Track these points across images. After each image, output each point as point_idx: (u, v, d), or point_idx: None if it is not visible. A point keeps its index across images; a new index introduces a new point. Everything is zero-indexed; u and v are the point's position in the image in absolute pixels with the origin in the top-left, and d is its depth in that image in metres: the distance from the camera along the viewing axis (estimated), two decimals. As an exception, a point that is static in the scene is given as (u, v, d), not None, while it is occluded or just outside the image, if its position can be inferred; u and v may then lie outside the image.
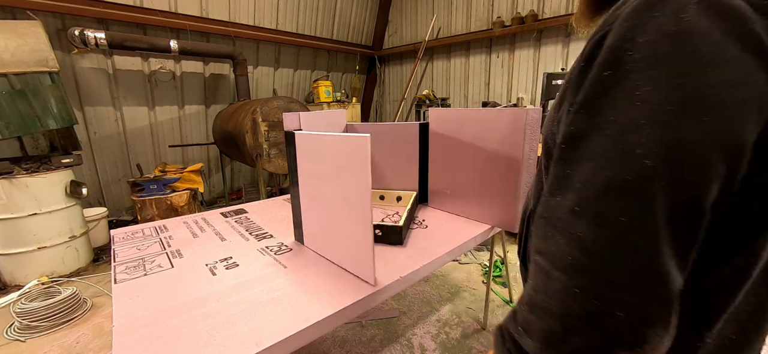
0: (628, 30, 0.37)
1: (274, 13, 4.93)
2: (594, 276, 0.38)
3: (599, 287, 0.38)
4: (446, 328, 2.21)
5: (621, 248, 0.37)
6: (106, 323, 2.28)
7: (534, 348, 0.43)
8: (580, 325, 0.39)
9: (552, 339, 0.41)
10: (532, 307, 0.45)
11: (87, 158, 3.76)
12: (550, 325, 0.41)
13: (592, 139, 0.40)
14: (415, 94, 5.89)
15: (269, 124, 3.34)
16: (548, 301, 0.42)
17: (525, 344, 0.45)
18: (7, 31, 2.77)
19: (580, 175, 0.40)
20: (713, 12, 0.34)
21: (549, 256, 0.43)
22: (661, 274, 0.36)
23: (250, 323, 0.88)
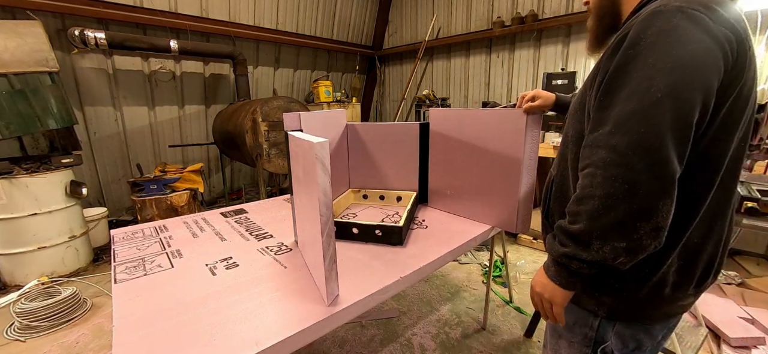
0: (641, 29, 0.63)
1: (274, 13, 4.92)
2: (625, 166, 0.61)
3: (628, 174, 0.60)
4: (446, 328, 2.21)
5: (641, 147, 0.60)
6: (106, 323, 2.28)
7: (582, 226, 0.67)
8: (615, 202, 0.62)
9: (594, 215, 0.65)
10: (579, 200, 0.68)
11: (87, 158, 3.75)
12: (594, 205, 0.64)
13: (622, 90, 0.64)
14: (415, 94, 5.89)
15: (269, 124, 3.34)
16: (593, 191, 0.65)
17: (573, 229, 0.69)
18: (7, 31, 2.77)
19: (613, 112, 0.64)
20: (688, 17, 0.61)
21: (593, 163, 0.66)
22: (667, 162, 0.59)
23: (250, 323, 0.88)
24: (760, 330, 2.04)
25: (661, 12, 0.62)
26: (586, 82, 0.80)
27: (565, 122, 0.93)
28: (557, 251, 0.72)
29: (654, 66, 0.60)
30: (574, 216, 0.69)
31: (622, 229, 0.63)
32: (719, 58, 0.60)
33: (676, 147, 0.60)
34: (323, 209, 0.87)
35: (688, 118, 0.60)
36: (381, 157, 1.86)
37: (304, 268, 1.17)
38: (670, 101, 0.59)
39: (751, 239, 3.06)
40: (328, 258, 0.91)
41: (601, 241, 0.65)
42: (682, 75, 0.59)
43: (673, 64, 0.59)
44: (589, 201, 0.65)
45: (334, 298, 0.97)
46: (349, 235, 1.38)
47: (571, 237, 0.69)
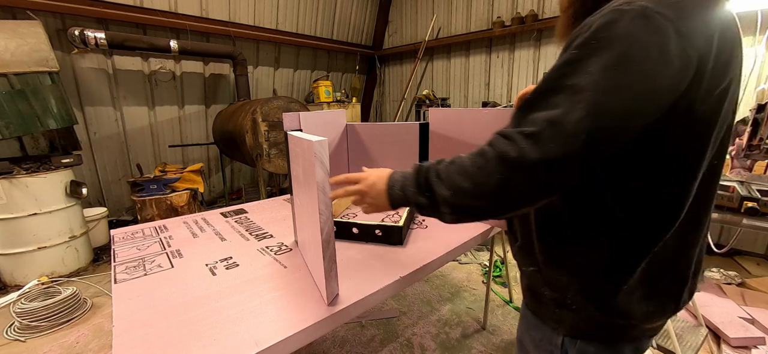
0: (598, 27, 0.55)
1: (274, 13, 4.92)
2: (519, 176, 0.58)
3: (515, 184, 0.58)
4: (446, 328, 2.21)
5: (544, 167, 0.55)
6: (106, 323, 2.28)
7: (444, 192, 0.67)
8: (486, 197, 0.62)
9: (463, 194, 0.64)
10: (459, 169, 0.66)
11: (87, 158, 3.75)
12: (468, 186, 0.63)
13: (556, 93, 0.57)
14: (415, 94, 5.89)
15: (269, 124, 3.34)
16: (477, 174, 0.62)
17: (437, 188, 0.69)
18: (7, 31, 2.77)
19: (537, 113, 0.58)
20: (649, 25, 0.51)
21: (494, 147, 0.61)
22: (556, 189, 0.59)
23: (250, 323, 0.88)
24: (760, 330, 2.04)
25: (624, 12, 0.53)
26: None
27: None
28: (410, 195, 0.76)
29: (593, 76, 0.53)
30: (445, 179, 0.69)
31: (473, 215, 0.67)
32: (676, 78, 0.52)
33: (573, 180, 0.57)
34: (322, 208, 0.87)
35: (601, 151, 0.54)
36: (381, 158, 1.86)
37: (304, 268, 1.17)
38: (587, 134, 0.52)
39: (751, 239, 3.06)
40: (327, 257, 0.90)
41: (453, 214, 0.68)
42: (618, 100, 0.52)
43: (614, 85, 0.52)
44: (467, 181, 0.64)
45: (334, 298, 0.97)
46: (349, 235, 1.38)
47: (432, 196, 0.70)
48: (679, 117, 0.56)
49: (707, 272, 2.75)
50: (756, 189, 1.84)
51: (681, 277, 0.68)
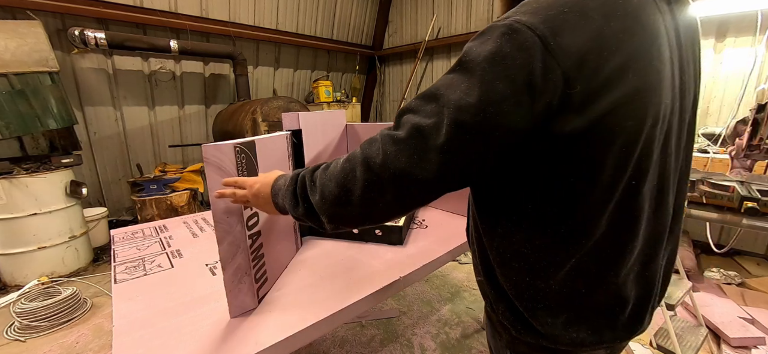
0: (474, 43, 0.54)
1: (274, 13, 4.92)
2: (381, 181, 0.57)
3: (379, 188, 0.57)
4: (446, 328, 2.21)
5: (390, 173, 0.56)
6: (106, 323, 2.28)
7: (315, 200, 0.65)
8: (354, 205, 0.61)
9: (331, 202, 0.63)
10: (329, 175, 0.64)
11: (87, 158, 3.75)
12: (336, 193, 0.62)
13: (428, 102, 0.56)
14: (415, 94, 5.88)
15: (269, 124, 3.34)
16: (344, 179, 0.61)
17: (311, 195, 0.66)
18: (7, 31, 2.77)
19: (411, 120, 0.56)
20: (513, 42, 0.49)
21: (363, 152, 0.60)
22: (413, 197, 0.59)
23: (249, 323, 0.88)
24: (760, 330, 2.04)
25: (495, 27, 0.51)
26: None
27: None
28: (288, 202, 0.71)
29: (451, 88, 0.53)
30: (317, 187, 0.66)
31: (340, 222, 0.65)
32: (526, 101, 0.49)
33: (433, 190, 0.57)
34: (221, 217, 0.83)
35: (454, 172, 0.55)
36: (381, 157, 1.86)
37: (303, 268, 1.17)
38: (444, 154, 0.53)
39: (751, 239, 3.06)
40: (230, 269, 0.86)
41: (327, 219, 0.65)
42: (471, 120, 0.50)
43: (466, 103, 0.51)
44: (336, 187, 0.62)
45: (247, 311, 0.92)
46: (349, 235, 1.38)
47: (305, 204, 0.68)
48: (549, 137, 0.52)
49: (707, 272, 2.75)
50: (756, 189, 1.84)
51: (610, 304, 0.61)
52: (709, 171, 2.48)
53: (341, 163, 0.63)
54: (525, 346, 0.67)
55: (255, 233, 0.94)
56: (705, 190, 1.96)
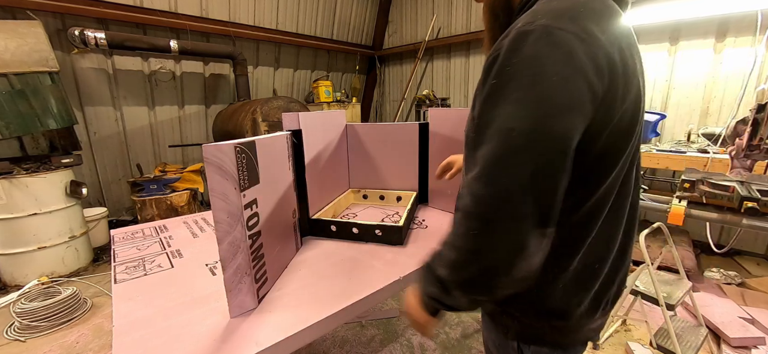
0: (508, 55, 0.56)
1: (274, 13, 4.92)
2: (482, 220, 0.56)
3: (484, 229, 0.56)
4: (446, 327, 2.21)
5: (500, 200, 0.54)
6: (106, 323, 2.28)
7: (444, 274, 0.64)
8: (472, 257, 0.59)
9: (456, 266, 0.62)
10: (445, 244, 0.65)
11: (87, 158, 3.75)
12: (455, 257, 0.61)
13: (489, 127, 0.57)
14: (415, 94, 5.89)
15: (269, 124, 3.34)
16: (455, 241, 0.61)
17: (439, 274, 0.65)
18: (7, 31, 2.77)
19: (481, 152, 0.57)
20: (553, 42, 0.53)
21: (460, 209, 0.60)
22: (524, 219, 0.53)
23: (249, 323, 0.88)
24: (760, 330, 2.04)
25: (527, 33, 0.54)
26: (475, 93, 0.69)
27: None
28: (425, 289, 0.69)
29: (517, 103, 0.54)
30: (438, 256, 0.66)
31: (481, 284, 0.60)
32: (585, 92, 0.53)
33: (538, 202, 0.53)
34: (222, 217, 0.83)
35: (549, 169, 0.54)
36: (381, 158, 1.86)
37: (303, 268, 1.17)
38: (529, 154, 0.53)
39: (751, 239, 3.06)
40: (230, 269, 0.86)
41: (462, 291, 0.62)
42: (544, 119, 0.53)
43: (535, 105, 0.53)
44: (452, 251, 0.62)
45: (247, 311, 0.92)
46: (349, 235, 1.38)
47: (437, 281, 0.66)
48: (596, 126, 0.57)
49: (707, 272, 2.75)
50: (756, 189, 1.84)
51: (606, 280, 0.72)
52: (709, 171, 2.48)
53: (448, 236, 0.65)
54: (535, 330, 0.73)
55: (255, 233, 0.94)
56: (705, 190, 1.96)
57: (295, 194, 1.31)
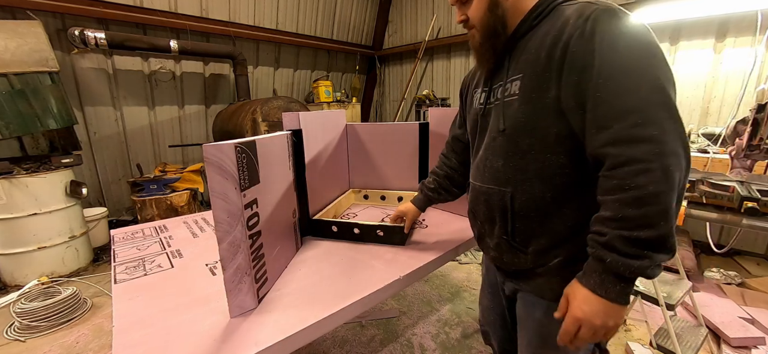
0: (606, 29, 0.69)
1: (274, 13, 4.92)
2: (674, 155, 0.63)
3: (678, 163, 0.64)
4: (446, 328, 2.21)
5: (679, 135, 0.64)
6: (106, 323, 2.28)
7: (660, 230, 0.63)
8: (674, 193, 0.64)
9: (670, 213, 0.63)
10: (641, 201, 0.63)
11: (87, 158, 3.75)
12: (664, 202, 0.63)
13: (628, 85, 0.66)
14: (415, 94, 5.89)
15: (269, 124, 3.34)
16: (657, 187, 0.63)
17: (651, 235, 0.64)
18: (7, 31, 2.77)
19: (630, 106, 0.65)
20: (625, 15, 0.71)
21: (639, 159, 0.64)
22: (688, 146, 0.66)
23: (249, 323, 0.88)
24: (760, 330, 2.04)
25: (614, 14, 0.70)
26: (527, 90, 0.80)
27: (486, 138, 0.93)
28: (632, 266, 0.65)
29: (650, 58, 0.67)
30: (637, 221, 0.64)
31: (672, 229, 0.65)
32: None
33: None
34: (223, 217, 0.83)
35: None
36: (381, 157, 1.86)
37: (303, 268, 1.17)
38: (672, 91, 0.66)
39: (751, 239, 3.06)
40: (231, 269, 0.86)
41: (670, 242, 0.65)
42: (665, 65, 0.67)
43: (657, 56, 0.67)
44: (658, 199, 0.63)
45: (247, 311, 0.92)
46: (350, 236, 1.38)
47: (650, 245, 0.64)
48: None
49: (707, 272, 2.75)
50: (756, 189, 1.84)
51: None
52: (709, 171, 2.48)
53: (634, 191, 0.65)
54: (564, 281, 0.78)
55: (255, 233, 0.94)
56: (705, 190, 1.96)
57: (295, 194, 1.31)
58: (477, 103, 0.99)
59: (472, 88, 1.07)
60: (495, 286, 1.11)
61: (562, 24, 0.74)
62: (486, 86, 0.95)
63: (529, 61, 0.80)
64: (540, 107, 0.78)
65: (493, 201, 0.90)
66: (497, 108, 0.89)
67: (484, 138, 0.94)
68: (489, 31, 0.86)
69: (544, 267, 0.86)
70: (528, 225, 0.85)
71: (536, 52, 0.78)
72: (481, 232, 1.01)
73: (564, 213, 0.81)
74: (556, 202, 0.81)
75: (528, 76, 0.80)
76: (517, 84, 0.82)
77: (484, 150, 0.93)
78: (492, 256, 0.99)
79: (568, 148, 0.78)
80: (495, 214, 0.91)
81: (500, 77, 0.89)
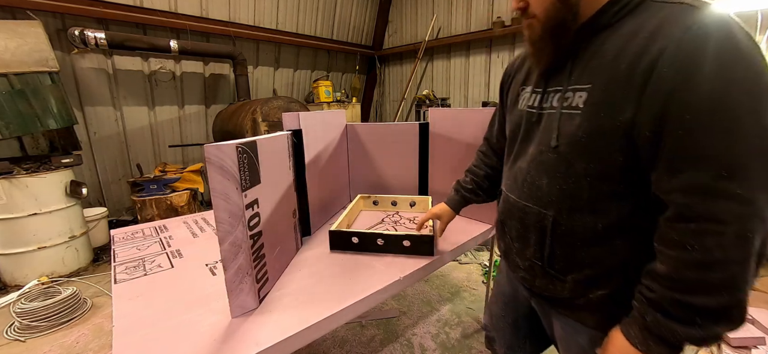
0: (707, 50, 0.54)
1: (274, 13, 4.92)
2: (760, 219, 0.53)
3: (760, 229, 0.53)
4: (446, 328, 2.21)
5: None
6: (106, 323, 2.27)
7: (724, 299, 0.55)
8: (750, 264, 0.54)
9: (738, 285, 0.54)
10: (707, 266, 0.55)
11: (87, 158, 3.75)
12: (734, 272, 0.54)
13: (721, 127, 0.54)
14: (415, 94, 5.89)
15: (269, 124, 3.34)
16: (728, 254, 0.54)
17: (710, 304, 0.55)
18: (7, 31, 2.77)
19: (720, 151, 0.54)
20: (739, 29, 0.55)
21: (715, 218, 0.54)
22: None
23: (250, 323, 0.88)
24: (760, 330, 2.04)
25: (724, 29, 0.54)
26: (596, 106, 0.66)
27: (531, 149, 0.80)
28: (678, 331, 0.58)
29: (759, 94, 0.53)
30: (694, 285, 0.57)
31: (743, 302, 0.57)
32: None
33: None
34: (224, 217, 0.83)
35: None
36: (381, 158, 1.86)
37: (303, 268, 1.17)
38: None
39: (751, 239, 3.06)
40: (232, 269, 0.86)
41: (742, 310, 0.56)
42: None
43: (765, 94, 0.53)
44: (725, 267, 0.54)
45: (248, 311, 0.92)
46: (374, 248, 1.27)
47: (705, 313, 0.56)
48: None
49: (707, 272, 2.75)
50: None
51: None
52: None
53: (699, 254, 0.56)
54: (607, 315, 0.72)
55: (256, 233, 0.94)
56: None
57: (296, 194, 1.31)
58: (524, 103, 0.85)
59: (517, 82, 0.92)
60: (511, 297, 1.04)
61: (654, 29, 0.59)
62: (539, 87, 0.81)
63: (603, 69, 0.65)
64: (608, 130, 0.64)
65: (530, 221, 0.80)
66: (550, 118, 0.75)
67: (528, 148, 0.82)
68: (554, 22, 0.70)
69: (584, 298, 0.75)
70: (570, 253, 0.75)
71: (614, 59, 0.63)
72: (509, 248, 0.91)
73: (616, 245, 0.70)
74: (609, 232, 0.70)
75: (599, 89, 0.65)
76: (583, 96, 0.68)
77: (528, 163, 0.81)
78: (520, 276, 0.88)
79: (633, 180, 0.66)
80: (529, 235, 0.81)
81: (559, 81, 0.75)
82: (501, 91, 1.03)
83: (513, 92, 0.93)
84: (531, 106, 0.82)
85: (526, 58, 0.91)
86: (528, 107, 0.83)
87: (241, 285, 0.89)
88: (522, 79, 0.90)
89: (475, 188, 1.17)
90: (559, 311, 0.83)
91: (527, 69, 0.89)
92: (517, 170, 0.85)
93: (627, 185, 0.66)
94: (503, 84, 1.01)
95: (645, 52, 0.59)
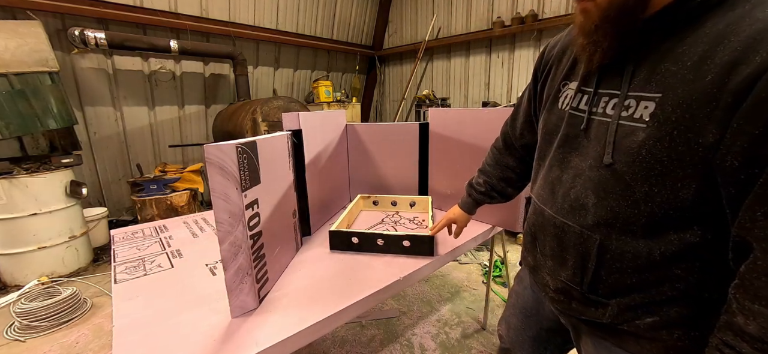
0: None
1: (274, 13, 4.92)
2: None
3: None
4: (446, 328, 2.21)
5: None
6: (106, 323, 2.27)
7: None
8: None
9: None
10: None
11: (87, 158, 3.75)
12: None
13: None
14: (415, 94, 5.89)
15: (269, 124, 3.34)
16: None
17: None
18: (7, 31, 2.77)
19: None
20: None
21: None
22: None
23: (250, 323, 0.88)
24: (760, 330, 2.04)
25: None
26: (669, 123, 0.54)
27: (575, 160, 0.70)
28: None
29: None
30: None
31: None
32: None
33: None
34: (224, 217, 0.83)
35: None
36: (381, 158, 1.86)
37: (303, 268, 1.17)
38: None
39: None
40: (232, 269, 0.86)
41: None
42: None
43: None
44: None
45: (248, 311, 0.92)
46: (373, 248, 1.28)
47: None
48: None
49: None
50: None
51: None
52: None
53: None
54: (654, 343, 0.65)
55: (256, 233, 0.94)
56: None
57: (296, 194, 1.31)
58: (567, 103, 0.73)
59: (557, 75, 0.78)
60: (534, 310, 0.95)
61: (754, 35, 0.47)
62: (587, 86, 0.69)
63: (680, 78, 0.53)
64: (684, 152, 0.53)
65: (569, 241, 0.70)
66: (603, 128, 0.64)
67: (570, 157, 0.71)
68: (617, 9, 0.57)
69: (629, 324, 0.66)
70: (619, 279, 0.65)
71: (696, 65, 0.52)
72: (539, 265, 0.81)
73: (674, 273, 0.60)
74: (666, 260, 0.60)
75: (672, 101, 0.54)
76: (650, 107, 0.56)
77: (573, 177, 0.70)
78: (551, 296, 0.79)
79: (705, 211, 0.56)
80: (568, 257, 0.72)
81: (615, 83, 0.63)
82: (534, 80, 0.88)
83: (551, 87, 0.80)
84: (576, 109, 0.70)
85: (567, 47, 0.77)
86: (572, 108, 0.71)
87: (241, 285, 0.89)
88: (563, 73, 0.76)
89: (489, 190, 1.11)
90: (596, 333, 0.73)
91: (571, 61, 0.75)
92: (553, 180, 0.75)
93: (696, 214, 0.56)
94: (538, 71, 0.86)
95: (740, 62, 0.47)
